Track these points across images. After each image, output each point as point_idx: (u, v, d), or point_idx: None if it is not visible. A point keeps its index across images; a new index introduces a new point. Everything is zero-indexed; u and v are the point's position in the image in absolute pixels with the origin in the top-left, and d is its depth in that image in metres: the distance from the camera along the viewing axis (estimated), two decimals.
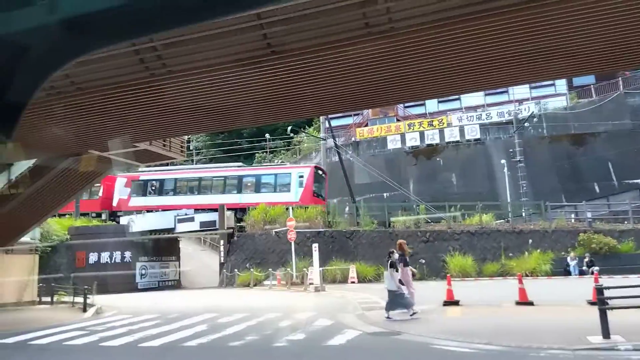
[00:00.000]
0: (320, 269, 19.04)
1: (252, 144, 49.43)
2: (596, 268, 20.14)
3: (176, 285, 29.15)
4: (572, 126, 33.94)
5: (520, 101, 37.30)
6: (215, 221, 26.21)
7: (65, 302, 17.72)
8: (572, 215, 25.45)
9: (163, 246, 28.78)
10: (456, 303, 11.73)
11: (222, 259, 25.36)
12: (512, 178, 29.92)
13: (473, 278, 20.99)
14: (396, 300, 10.54)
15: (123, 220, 28.70)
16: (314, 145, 41.02)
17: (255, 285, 22.42)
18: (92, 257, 25.95)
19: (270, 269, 21.79)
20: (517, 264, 21.07)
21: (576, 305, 10.71)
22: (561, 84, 38.81)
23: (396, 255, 10.98)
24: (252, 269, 23.01)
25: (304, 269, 20.62)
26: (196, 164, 50.30)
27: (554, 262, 20.70)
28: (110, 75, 8.71)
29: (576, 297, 11.65)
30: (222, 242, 25.66)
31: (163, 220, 27.46)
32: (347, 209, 28.40)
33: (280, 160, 36.31)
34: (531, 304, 10.95)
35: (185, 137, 16.17)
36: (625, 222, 23.36)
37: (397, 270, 10.74)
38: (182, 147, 15.85)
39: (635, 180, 31.04)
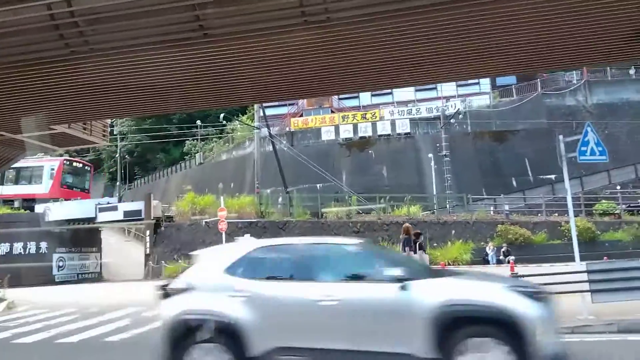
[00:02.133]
0: None
1: (182, 131, 47.77)
2: (512, 257, 21.61)
3: (97, 277, 27.66)
4: (494, 124, 36.04)
5: (448, 98, 39.04)
6: (140, 210, 25.10)
7: None
8: (492, 208, 27.07)
9: (83, 237, 27.15)
10: None
11: (147, 250, 24.38)
12: (439, 172, 31.26)
13: None
14: None
15: (38, 209, 26.72)
16: (247, 134, 40.42)
17: None
18: (4, 248, 23.95)
19: None
20: (441, 253, 22.05)
21: None
22: (485, 83, 41.13)
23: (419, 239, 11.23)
24: (180, 261, 22.31)
25: None
26: (121, 149, 47.93)
27: (474, 252, 21.91)
28: (27, 50, 7.99)
29: None
30: (147, 232, 24.64)
31: (83, 209, 25.86)
32: (279, 199, 28.35)
33: (62, 154, 35.57)
34: None
35: (108, 121, 15.26)
36: (539, 215, 25.20)
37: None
38: (104, 131, 14.96)
39: (548, 176, 33.58)
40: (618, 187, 28.79)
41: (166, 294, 5.46)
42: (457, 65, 10.30)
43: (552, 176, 34.24)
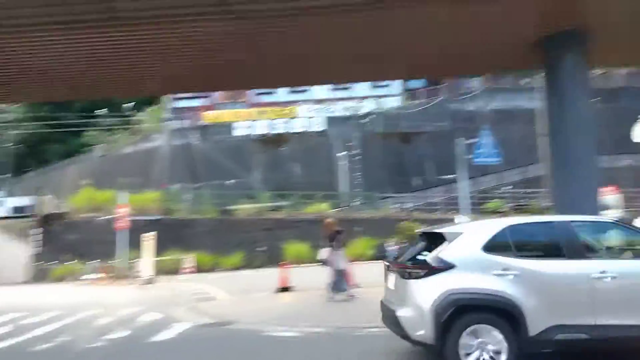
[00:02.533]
0: (155, 259, 17.94)
1: (83, 120, 44.31)
2: None
3: None
4: (402, 125, 37.60)
5: (362, 98, 40.10)
6: (32, 206, 22.91)
7: None
8: (397, 205, 28.24)
9: None
10: (287, 289, 12.08)
11: (35, 249, 22.30)
12: (351, 170, 32.02)
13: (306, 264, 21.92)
14: (342, 281, 10.42)
15: None
16: (156, 126, 38.52)
17: (76, 280, 20.20)
18: None
19: (99, 261, 19.82)
20: (348, 249, 22.54)
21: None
22: (396, 85, 42.80)
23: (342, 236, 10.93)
24: (74, 261, 20.68)
25: (137, 260, 19.26)
26: (14, 137, 43.48)
27: (376, 248, 22.73)
28: None
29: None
30: (36, 230, 22.53)
31: None
32: (186, 195, 27.30)
33: None
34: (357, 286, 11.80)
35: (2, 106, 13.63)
36: (437, 212, 26.69)
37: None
38: None
39: (448, 176, 35.74)
40: (510, 187, 31.36)
41: (417, 273, 5.01)
42: (369, 66, 10.53)
43: (452, 176, 36.60)
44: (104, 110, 42.50)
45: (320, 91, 40.61)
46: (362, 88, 39.57)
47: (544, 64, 10.12)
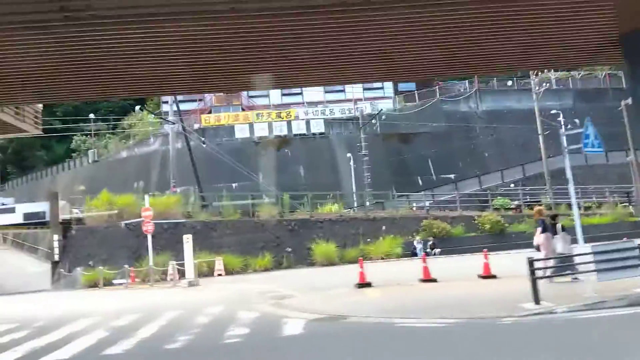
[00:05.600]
0: (199, 262, 17.55)
1: (67, 125, 42.71)
2: (438, 250, 23.15)
3: None
4: (400, 126, 38.20)
5: (356, 100, 40.46)
6: (44, 212, 21.96)
7: None
8: (407, 204, 28.68)
9: None
10: (369, 285, 12.04)
11: (56, 256, 21.39)
12: (358, 170, 32.28)
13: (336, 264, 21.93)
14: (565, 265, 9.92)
15: None
16: (152, 130, 37.63)
17: (107, 285, 19.50)
18: None
19: (126, 266, 19.18)
20: (374, 248, 22.75)
21: (471, 279, 12.04)
22: (389, 88, 43.41)
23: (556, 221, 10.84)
24: (100, 267, 19.95)
25: (171, 264, 18.78)
26: None
27: (403, 246, 22.97)
28: None
29: (458, 274, 13.16)
30: (55, 236, 21.62)
31: None
32: (192, 199, 26.76)
33: None
34: (434, 281, 11.93)
35: (41, 107, 12.98)
36: (456, 210, 27.21)
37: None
38: (36, 117, 12.78)
39: (448, 175, 36.57)
40: (512, 185, 32.31)
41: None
42: (365, 67, 10.42)
43: (452, 175, 37.46)
44: (91, 115, 41.16)
45: (313, 94, 40.75)
46: (355, 90, 39.96)
47: (625, 58, 10.56)
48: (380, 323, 8.13)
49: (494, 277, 11.72)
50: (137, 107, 37.91)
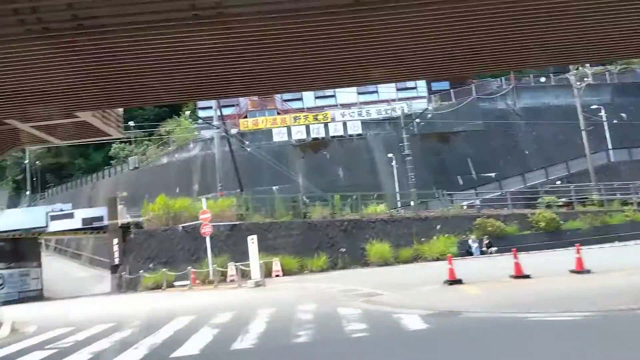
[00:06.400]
0: (261, 262, 17.62)
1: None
2: (494, 248, 22.83)
3: (39, 296, 24.08)
4: (438, 125, 37.91)
5: (389, 101, 40.33)
6: (102, 217, 22.32)
7: None
8: (463, 203, 28.36)
9: (22, 250, 23.53)
10: (459, 282, 11.88)
11: (116, 260, 21.72)
12: (401, 170, 32.13)
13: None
14: None
15: None
16: (190, 136, 38.06)
17: (169, 287, 19.70)
18: None
19: (189, 268, 19.36)
20: (428, 248, 22.55)
21: (564, 275, 11.81)
22: (422, 87, 43.14)
23: None
24: (162, 270, 20.18)
25: (232, 265, 18.91)
26: (30, 155, 42.40)
27: (458, 245, 22.72)
28: None
29: (547, 270, 12.91)
30: (115, 240, 21.95)
31: (30, 218, 22.34)
32: (235, 201, 26.90)
33: None
34: (528, 277, 11.73)
35: (120, 111, 13.18)
36: (504, 208, 26.85)
37: None
38: (118, 122, 12.99)
39: (489, 174, 36.14)
40: (558, 182, 31.77)
41: None
42: (391, 67, 9.92)
43: (493, 174, 37.02)
44: (130, 123, 41.79)
45: (346, 95, 40.76)
46: (387, 91, 39.85)
47: None
48: (503, 317, 7.99)
49: (588, 271, 11.47)
50: (177, 114, 38.48)
